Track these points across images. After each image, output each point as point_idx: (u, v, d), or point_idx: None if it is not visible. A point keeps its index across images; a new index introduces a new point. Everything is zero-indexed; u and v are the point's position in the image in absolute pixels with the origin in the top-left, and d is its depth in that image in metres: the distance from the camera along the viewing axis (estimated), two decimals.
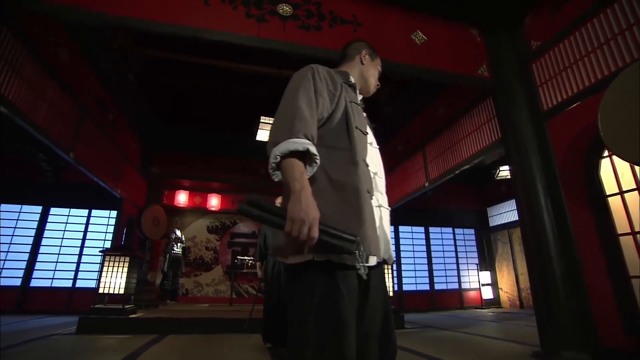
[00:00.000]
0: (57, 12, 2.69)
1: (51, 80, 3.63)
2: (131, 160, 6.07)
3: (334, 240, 0.87)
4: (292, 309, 0.94)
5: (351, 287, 0.92)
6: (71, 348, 3.24)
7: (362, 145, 1.09)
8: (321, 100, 1.03)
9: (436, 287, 7.97)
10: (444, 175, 4.76)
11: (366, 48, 1.36)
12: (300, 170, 0.90)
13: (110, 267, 4.43)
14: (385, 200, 1.14)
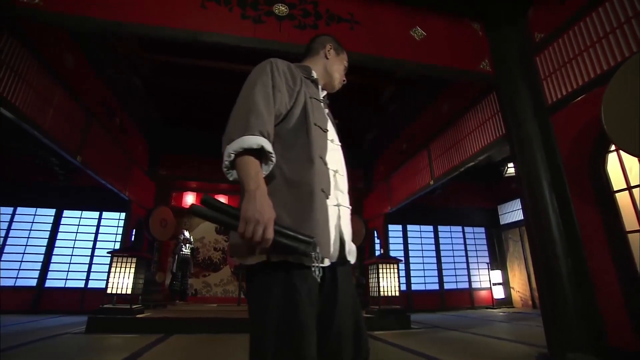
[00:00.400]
0: (53, 18, 2.76)
1: (57, 86, 3.73)
2: (139, 162, 6.18)
3: (290, 241, 0.85)
4: (251, 311, 0.92)
5: (311, 287, 0.90)
6: (78, 347, 3.32)
7: (321, 142, 1.06)
8: (279, 95, 1.00)
9: (446, 286, 7.86)
10: (449, 173, 4.67)
11: (331, 42, 1.32)
12: (255, 168, 0.88)
13: (118, 268, 4.52)
14: (345, 199, 1.10)
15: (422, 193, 5.45)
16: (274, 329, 0.84)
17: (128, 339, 3.70)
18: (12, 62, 3.09)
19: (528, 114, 3.29)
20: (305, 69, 1.21)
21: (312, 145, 1.00)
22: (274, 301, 0.86)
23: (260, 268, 0.90)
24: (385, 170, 6.94)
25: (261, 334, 0.86)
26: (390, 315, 4.83)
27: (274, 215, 0.84)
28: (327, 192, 1.00)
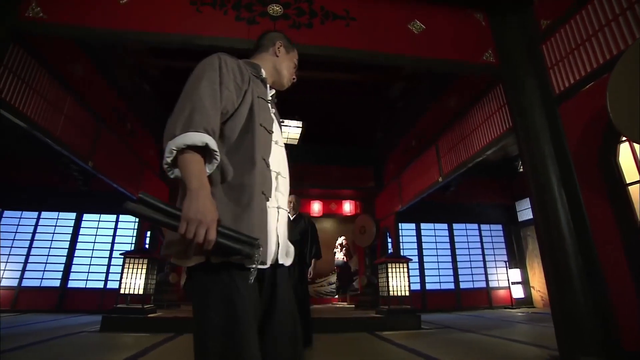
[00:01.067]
0: (57, 30, 2.88)
1: (67, 95, 3.88)
2: (151, 165, 6.35)
3: (233, 242, 0.83)
4: (193, 312, 0.90)
5: (252, 288, 0.89)
6: (90, 344, 3.45)
7: (265, 144, 1.03)
8: (227, 92, 0.97)
9: (462, 286, 7.66)
10: (458, 169, 4.54)
11: (281, 39, 1.29)
12: (198, 166, 0.85)
13: (130, 269, 4.66)
14: (285, 202, 1.09)
15: (431, 190, 5.33)
16: (217, 330, 0.83)
17: (138, 338, 3.80)
18: (22, 73, 3.24)
19: (535, 105, 3.15)
20: (254, 67, 1.17)
21: (256, 147, 0.98)
22: (215, 302, 0.85)
23: (201, 269, 0.88)
24: (395, 169, 6.84)
25: (204, 334, 0.85)
26: (400, 315, 4.74)
27: (217, 215, 0.82)
28: (268, 195, 0.99)
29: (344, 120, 7.34)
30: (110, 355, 2.96)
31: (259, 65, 1.18)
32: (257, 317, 0.92)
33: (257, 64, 1.19)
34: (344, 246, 7.94)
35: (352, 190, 8.07)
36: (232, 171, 0.95)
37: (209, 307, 0.86)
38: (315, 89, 6.19)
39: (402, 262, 5.17)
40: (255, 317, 0.89)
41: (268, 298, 0.99)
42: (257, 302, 0.93)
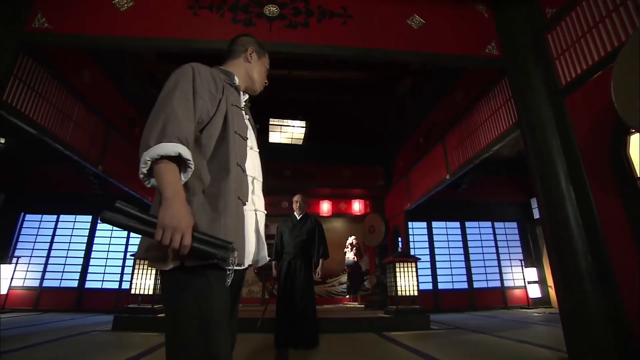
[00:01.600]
0: (62, 40, 2.98)
1: (76, 101, 4.01)
2: None
3: (208, 247, 0.86)
4: (167, 312, 0.93)
5: (226, 288, 0.94)
6: (101, 343, 3.55)
7: (240, 150, 1.07)
8: (201, 102, 1.00)
9: (475, 285, 7.48)
10: (465, 166, 4.43)
11: (253, 45, 1.31)
12: (172, 175, 0.89)
13: (140, 270, 4.77)
14: (261, 204, 1.15)
15: (439, 188, 5.22)
16: (193, 329, 0.87)
17: (147, 337, 3.88)
18: (32, 81, 3.36)
19: (540, 97, 3.03)
20: (228, 75, 1.20)
21: (231, 154, 1.02)
22: (191, 302, 0.89)
23: (177, 270, 0.90)
24: (404, 167, 6.74)
25: (179, 334, 0.88)
26: (408, 316, 4.67)
27: (192, 222, 0.85)
28: (244, 199, 1.04)
29: (353, 120, 7.31)
30: (116, 354, 3.03)
31: (232, 73, 1.23)
32: (229, 314, 0.97)
33: (230, 72, 1.23)
34: (354, 246, 7.88)
35: (362, 190, 8.02)
36: (209, 178, 0.98)
37: (185, 306, 0.89)
38: (324, 88, 6.20)
39: (410, 262, 5.09)
40: (228, 316, 0.94)
41: (234, 295, 1.08)
42: (229, 300, 0.98)
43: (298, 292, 3.37)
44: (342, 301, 7.98)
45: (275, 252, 3.62)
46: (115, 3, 3.09)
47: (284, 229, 3.67)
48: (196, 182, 0.97)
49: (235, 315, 1.13)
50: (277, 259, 3.62)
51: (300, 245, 3.55)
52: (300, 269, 3.45)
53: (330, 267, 8.42)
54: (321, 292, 8.26)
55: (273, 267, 3.67)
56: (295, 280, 3.40)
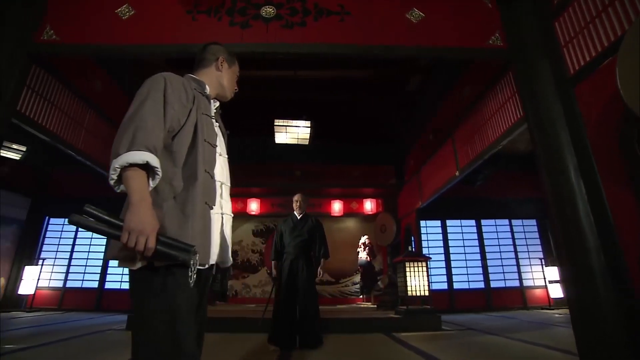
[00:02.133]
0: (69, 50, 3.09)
1: (87, 109, 4.16)
2: None
3: (171, 250, 0.91)
4: (136, 309, 0.97)
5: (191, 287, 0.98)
6: (111, 341, 3.68)
7: (209, 157, 1.14)
8: (171, 112, 1.03)
9: (492, 285, 7.26)
10: (474, 162, 4.30)
11: (223, 54, 1.35)
12: (139, 182, 0.93)
13: None
14: (228, 207, 1.22)
15: (449, 185, 5.09)
16: (159, 324, 0.91)
17: None
18: (44, 91, 3.51)
19: (548, 88, 2.90)
20: (199, 84, 1.24)
21: (200, 161, 1.08)
22: (158, 298, 0.94)
23: (146, 269, 0.96)
24: (415, 165, 6.63)
25: (147, 329, 0.92)
26: (418, 316, 4.58)
27: (157, 226, 0.90)
28: (212, 204, 1.10)
29: (363, 119, 7.25)
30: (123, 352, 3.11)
31: (204, 82, 1.28)
32: (194, 310, 1.02)
33: (201, 81, 1.27)
34: (367, 245, 7.81)
35: (373, 189, 7.94)
36: (180, 184, 1.03)
37: (152, 304, 0.94)
38: (331, 88, 6.17)
39: (420, 261, 4.98)
40: (192, 311, 0.99)
41: (201, 293, 1.11)
42: (195, 297, 1.04)
43: (300, 292, 3.36)
44: (356, 301, 7.92)
45: (275, 252, 3.62)
46: (118, 12, 3.18)
47: (284, 229, 3.67)
48: (167, 188, 1.02)
49: (203, 312, 1.15)
50: (277, 259, 3.61)
51: (302, 245, 3.54)
52: (302, 269, 3.44)
53: (343, 267, 8.40)
54: (334, 292, 8.24)
55: (273, 267, 3.67)
56: (298, 280, 3.40)
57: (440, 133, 5.38)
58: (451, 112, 4.98)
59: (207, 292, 1.19)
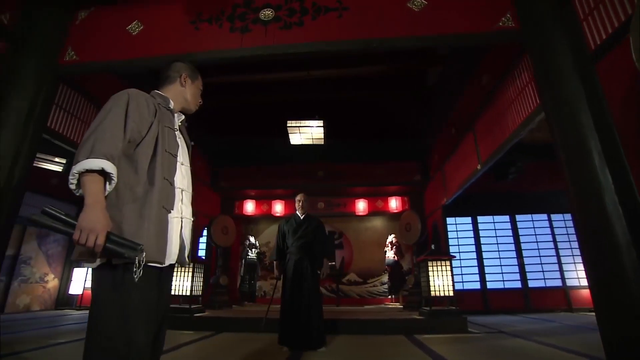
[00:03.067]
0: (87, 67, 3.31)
1: None
2: (199, 177, 6.90)
3: (118, 247, 0.98)
4: (93, 303, 1.05)
5: (149, 281, 1.08)
6: None
7: (169, 166, 1.23)
8: (132, 124, 1.13)
9: (531, 284, 6.77)
10: (496, 154, 4.03)
11: (186, 70, 1.45)
12: (94, 186, 1.02)
13: (178, 272, 5.11)
14: (188, 212, 1.30)
15: (473, 180, 4.82)
16: (113, 318, 1.00)
17: (181, 335, 4.15)
18: (70, 108, 3.80)
19: (567, 68, 2.63)
20: (163, 99, 1.35)
21: (159, 169, 1.17)
22: (114, 293, 1.03)
23: (105, 267, 1.05)
24: (439, 160, 6.37)
25: (102, 322, 1.00)
26: (442, 317, 4.37)
27: (107, 225, 0.99)
28: (169, 208, 1.19)
29: (384, 115, 7.08)
30: None
31: (168, 98, 1.38)
32: (151, 306, 1.11)
33: (166, 97, 1.37)
34: (394, 244, 7.62)
35: (398, 186, 7.72)
36: (140, 190, 1.11)
37: (107, 298, 1.03)
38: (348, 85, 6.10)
39: (443, 260, 4.76)
40: (146, 307, 1.07)
41: (161, 290, 1.19)
42: (152, 295, 1.12)
43: (305, 293, 3.34)
44: (384, 302, 7.76)
45: (277, 252, 3.62)
46: (129, 29, 3.36)
47: (286, 229, 3.66)
48: (128, 193, 1.11)
49: (164, 310, 1.23)
50: (279, 259, 3.61)
51: (305, 245, 3.52)
52: (306, 269, 3.42)
53: (371, 267, 8.27)
54: (362, 293, 8.14)
55: (275, 267, 3.68)
56: (302, 281, 3.38)
57: (461, 125, 5.12)
58: (471, 103, 4.72)
59: (167, 290, 1.27)
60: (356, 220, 8.65)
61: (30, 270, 7.04)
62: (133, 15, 3.41)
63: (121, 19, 3.42)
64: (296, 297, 3.36)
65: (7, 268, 6.62)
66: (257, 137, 7.51)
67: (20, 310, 6.81)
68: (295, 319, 3.28)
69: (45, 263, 7.39)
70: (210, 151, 7.51)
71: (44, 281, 7.33)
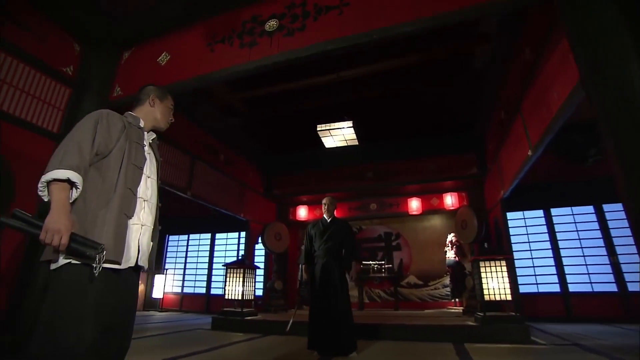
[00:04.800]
0: (130, 100, 3.77)
1: (161, 142, 4.97)
2: (251, 186, 7.31)
3: (81, 247, 1.12)
4: (49, 300, 1.15)
5: (106, 282, 1.18)
6: (190, 337, 4.24)
7: (133, 177, 1.35)
8: (99, 139, 1.28)
9: (631, 287, 5.60)
10: (545, 137, 3.48)
11: (154, 92, 1.60)
12: (60, 193, 1.16)
13: (231, 277, 5.48)
14: (150, 220, 1.41)
15: (526, 168, 4.23)
16: (66, 315, 1.11)
17: (230, 335, 4.42)
18: None
19: (607, 17, 2.16)
20: (134, 119, 1.51)
21: (121, 179, 1.31)
22: (69, 291, 1.13)
23: (65, 267, 1.16)
24: (493, 149, 5.74)
25: (57, 319, 1.10)
26: (498, 324, 3.89)
27: (70, 227, 1.11)
28: (130, 215, 1.31)
29: (430, 107, 6.62)
30: (188, 346, 3.56)
31: (139, 118, 1.54)
32: (105, 307, 1.19)
33: (137, 117, 1.53)
34: (454, 244, 7.05)
35: (454, 181, 7.15)
36: (105, 197, 1.27)
37: (61, 297, 1.13)
38: (387, 81, 5.84)
39: (497, 260, 4.25)
40: (98, 308, 1.16)
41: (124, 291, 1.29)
42: (109, 294, 1.21)
43: (332, 296, 3.28)
44: (447, 305, 7.21)
45: (305, 256, 3.60)
46: (159, 60, 3.76)
47: (313, 232, 3.63)
48: (94, 199, 1.25)
49: (128, 308, 1.32)
50: (307, 262, 3.58)
51: (332, 248, 3.45)
52: (334, 272, 3.36)
53: (431, 269, 7.77)
54: (423, 296, 7.69)
55: (302, 270, 3.66)
56: (330, 284, 3.32)
57: (510, 108, 4.54)
58: (516, 81, 4.16)
59: (132, 291, 1.36)
60: (413, 219, 8.24)
61: None
62: (162, 48, 3.80)
63: (153, 52, 3.84)
64: (323, 301, 3.32)
65: None
66: (305, 144, 7.68)
67: None
68: (323, 322, 3.25)
69: None
70: (262, 162, 7.90)
71: None
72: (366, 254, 8.46)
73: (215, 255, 8.60)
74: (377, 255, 8.34)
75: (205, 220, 8.78)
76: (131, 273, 1.35)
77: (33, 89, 3.39)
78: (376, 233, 8.57)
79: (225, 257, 8.50)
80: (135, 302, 1.40)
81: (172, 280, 8.73)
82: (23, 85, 3.31)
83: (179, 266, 8.85)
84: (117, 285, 1.25)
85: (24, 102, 3.30)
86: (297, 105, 6.45)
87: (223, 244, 8.65)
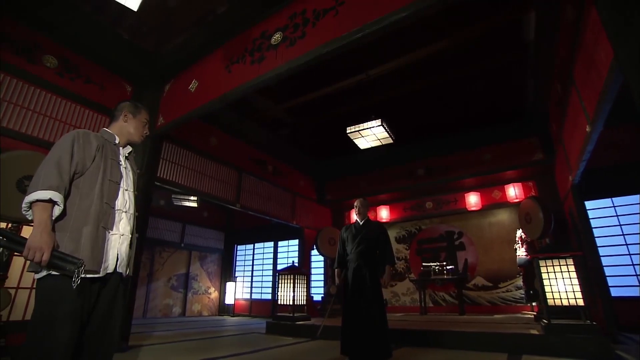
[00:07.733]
0: (170, 125, 4.24)
1: (207, 161, 5.46)
2: (303, 194, 7.52)
3: (61, 262, 1.24)
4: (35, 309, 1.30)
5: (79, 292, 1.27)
6: (243, 340, 4.51)
7: (110, 192, 1.45)
8: (77, 159, 1.39)
9: None
10: (601, 109, 2.90)
11: (127, 108, 1.66)
12: (42, 212, 1.27)
13: (283, 283, 5.68)
14: (128, 230, 1.50)
15: (590, 148, 3.56)
16: (43, 321, 1.25)
17: (279, 339, 4.58)
18: (173, 157, 4.94)
19: None
20: (110, 136, 1.59)
21: (99, 195, 1.41)
22: (48, 300, 1.26)
23: (47, 277, 1.29)
24: (556, 129, 4.98)
25: (36, 323, 1.26)
26: (568, 335, 3.32)
27: (52, 244, 1.23)
28: (109, 228, 1.42)
29: (479, 93, 6.04)
30: (233, 348, 3.77)
31: (114, 135, 1.63)
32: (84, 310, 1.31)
33: (111, 134, 1.63)
34: (524, 240, 6.25)
35: (517, 171, 6.35)
36: (83, 212, 1.38)
37: (43, 304, 1.27)
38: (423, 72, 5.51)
39: (563, 257, 3.63)
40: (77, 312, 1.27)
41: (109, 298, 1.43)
42: (85, 300, 1.32)
43: (364, 301, 3.16)
44: (520, 310, 6.40)
45: (338, 260, 3.51)
46: (190, 88, 4.16)
47: (346, 236, 3.53)
48: (73, 215, 1.36)
49: (108, 309, 1.42)
50: (341, 267, 3.48)
51: (365, 251, 3.33)
52: (365, 276, 3.23)
53: (501, 268, 7.01)
54: (493, 299, 6.96)
55: (336, 275, 3.57)
56: (362, 288, 3.20)
57: (564, 79, 3.90)
58: (566, 47, 3.57)
59: (113, 294, 1.45)
60: (476, 216, 7.55)
61: (198, 285, 9.18)
62: (193, 76, 4.20)
63: (186, 81, 4.27)
64: (355, 305, 3.23)
65: (184, 283, 8.85)
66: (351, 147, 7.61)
67: (195, 314, 8.93)
68: (355, 328, 3.16)
69: (207, 279, 9.46)
70: (313, 170, 8.08)
71: (208, 293, 9.38)
72: (428, 255, 8.00)
73: (278, 262, 9.00)
74: (440, 256, 7.81)
75: (268, 230, 9.26)
76: (114, 278, 1.44)
77: (96, 129, 4.04)
78: (437, 232, 8.05)
79: (287, 263, 8.83)
80: (119, 304, 1.48)
81: (242, 287, 9.38)
82: (88, 127, 3.97)
83: (247, 274, 9.48)
84: (94, 291, 1.38)
85: None
86: (335, 109, 6.43)
87: (285, 251, 9.01)
